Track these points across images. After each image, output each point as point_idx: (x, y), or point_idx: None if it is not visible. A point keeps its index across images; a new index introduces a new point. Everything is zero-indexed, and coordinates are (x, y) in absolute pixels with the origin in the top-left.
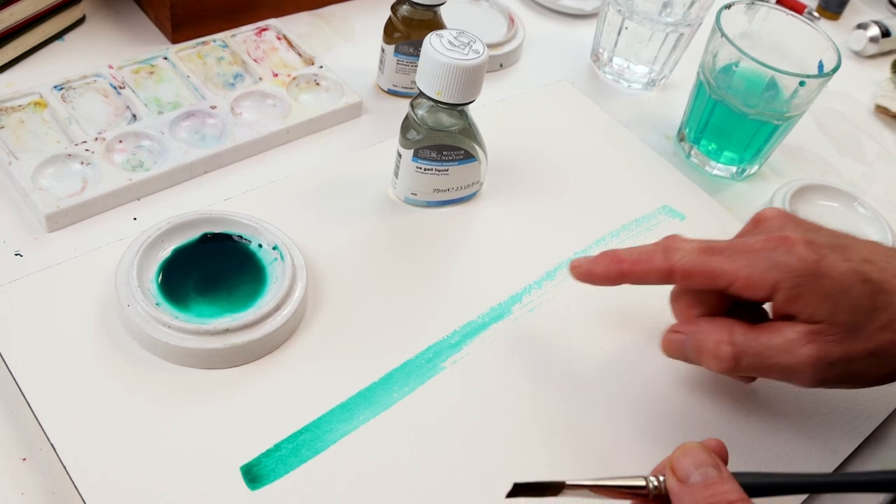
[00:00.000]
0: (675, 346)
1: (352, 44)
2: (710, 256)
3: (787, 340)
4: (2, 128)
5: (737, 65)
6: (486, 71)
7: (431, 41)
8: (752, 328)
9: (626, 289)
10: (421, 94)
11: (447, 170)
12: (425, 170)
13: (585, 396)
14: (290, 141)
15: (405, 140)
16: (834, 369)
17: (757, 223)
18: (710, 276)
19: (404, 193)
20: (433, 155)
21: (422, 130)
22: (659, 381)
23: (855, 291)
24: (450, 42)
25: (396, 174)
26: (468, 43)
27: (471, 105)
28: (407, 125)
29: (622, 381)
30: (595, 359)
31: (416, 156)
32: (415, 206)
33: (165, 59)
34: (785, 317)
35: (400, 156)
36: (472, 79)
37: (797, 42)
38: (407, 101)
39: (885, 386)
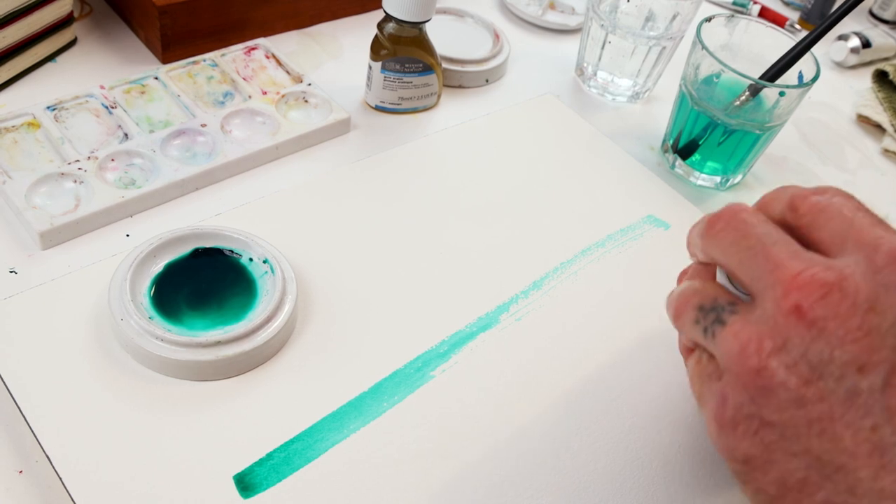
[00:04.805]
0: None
1: (339, 61)
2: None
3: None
4: None
5: (718, 76)
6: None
7: None
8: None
9: (616, 297)
10: None
11: None
12: None
13: (573, 405)
14: (279, 157)
15: None
16: None
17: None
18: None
19: None
20: None
21: None
22: (649, 389)
23: None
24: None
25: None
26: None
27: (459, 121)
28: None
29: (611, 389)
30: (583, 367)
31: None
32: None
33: (156, 78)
34: None
35: None
36: None
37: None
38: (394, 118)
39: None
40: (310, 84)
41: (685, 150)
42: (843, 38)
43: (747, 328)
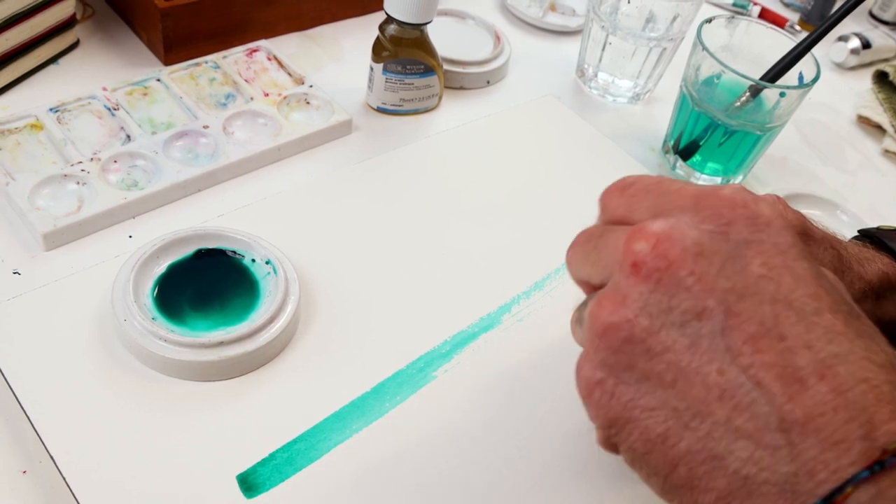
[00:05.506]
0: None
1: (341, 63)
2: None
3: None
4: None
5: (718, 77)
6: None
7: None
8: None
9: None
10: None
11: None
12: None
13: (575, 405)
14: (281, 158)
15: None
16: None
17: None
18: None
19: None
20: None
21: None
22: None
23: None
24: None
25: None
26: None
27: (460, 122)
28: None
29: None
30: None
31: None
32: None
33: (158, 80)
34: None
35: None
36: None
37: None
38: (396, 119)
39: None
40: (311, 86)
41: (686, 151)
42: (843, 39)
43: (597, 298)
